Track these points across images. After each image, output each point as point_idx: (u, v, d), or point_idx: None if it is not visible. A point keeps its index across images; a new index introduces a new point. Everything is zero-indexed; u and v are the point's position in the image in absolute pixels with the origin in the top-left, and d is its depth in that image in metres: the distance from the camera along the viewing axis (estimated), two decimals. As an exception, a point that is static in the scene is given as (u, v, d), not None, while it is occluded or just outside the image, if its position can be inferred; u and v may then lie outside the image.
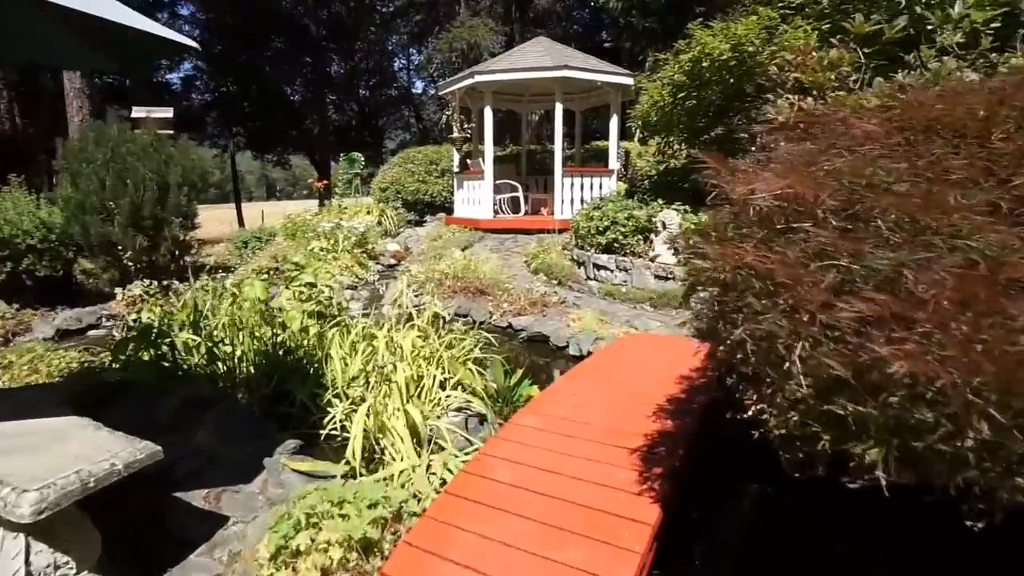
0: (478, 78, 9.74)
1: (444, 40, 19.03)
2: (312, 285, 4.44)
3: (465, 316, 6.36)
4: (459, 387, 3.70)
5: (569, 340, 5.13)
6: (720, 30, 5.57)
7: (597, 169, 10.47)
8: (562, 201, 9.90)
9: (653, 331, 5.06)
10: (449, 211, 12.06)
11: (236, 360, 4.21)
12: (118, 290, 6.50)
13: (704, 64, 5.50)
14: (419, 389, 3.66)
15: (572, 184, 9.95)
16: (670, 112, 6.76)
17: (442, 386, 3.60)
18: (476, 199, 10.52)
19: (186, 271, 7.26)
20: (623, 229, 6.22)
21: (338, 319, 4.68)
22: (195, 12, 24.21)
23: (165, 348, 4.13)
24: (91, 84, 21.57)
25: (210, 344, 4.30)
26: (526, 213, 11.14)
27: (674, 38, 13.60)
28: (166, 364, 4.18)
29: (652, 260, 5.88)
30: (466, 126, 10.60)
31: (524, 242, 9.39)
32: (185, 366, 4.30)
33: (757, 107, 6.16)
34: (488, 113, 10.03)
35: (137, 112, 8.30)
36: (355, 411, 3.42)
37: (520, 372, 3.88)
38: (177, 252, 6.99)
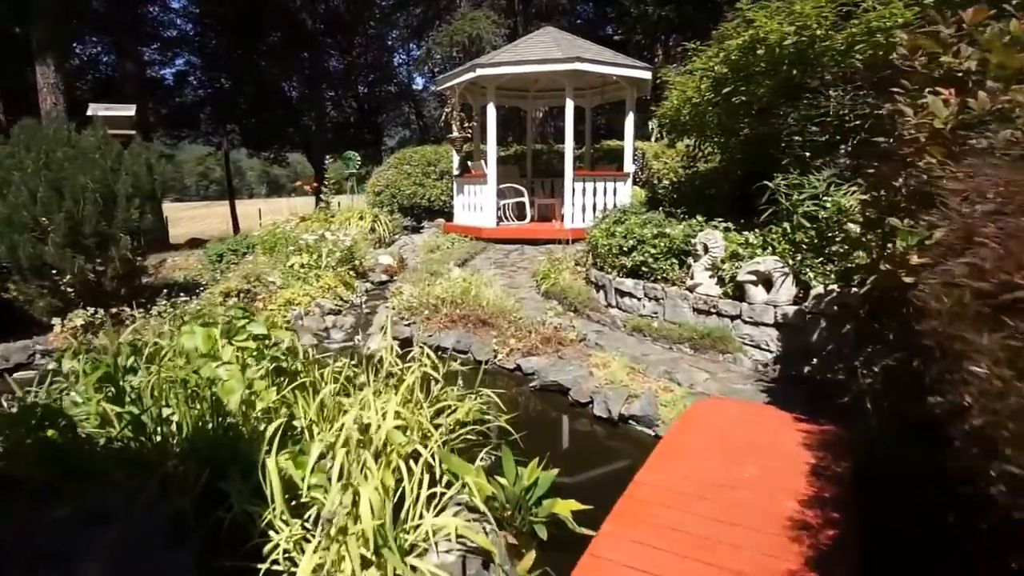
0: (480, 71, 8.61)
1: (444, 33, 17.84)
2: (264, 336, 3.37)
3: (465, 353, 5.28)
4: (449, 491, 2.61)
5: (593, 395, 4.05)
6: (778, 9, 4.45)
7: (611, 173, 9.35)
8: (573, 209, 8.79)
9: (700, 384, 3.97)
10: (448, 216, 10.97)
11: (167, 433, 3.17)
12: (56, 320, 5.42)
13: (758, 52, 4.39)
14: (397, 497, 2.59)
15: (584, 190, 8.83)
16: (704, 110, 5.65)
17: (429, 500, 2.51)
18: (477, 205, 9.42)
19: (143, 294, 6.19)
20: (653, 251, 5.12)
21: (302, 376, 3.59)
22: (187, 6, 22.97)
23: (65, 423, 3.05)
24: (70, 79, 20.49)
25: (133, 413, 3.23)
26: (532, 220, 10.04)
27: (693, 28, 12.42)
28: (70, 436, 3.11)
29: (690, 290, 4.79)
30: (467, 124, 9.48)
31: (531, 255, 8.29)
32: (101, 441, 3.24)
33: (816, 104, 5.05)
34: (491, 110, 8.90)
35: (94, 110, 7.18)
36: (308, 537, 2.38)
37: (538, 468, 2.79)
38: (131, 273, 5.89)
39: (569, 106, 8.69)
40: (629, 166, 9.36)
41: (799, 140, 5.18)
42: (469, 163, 9.96)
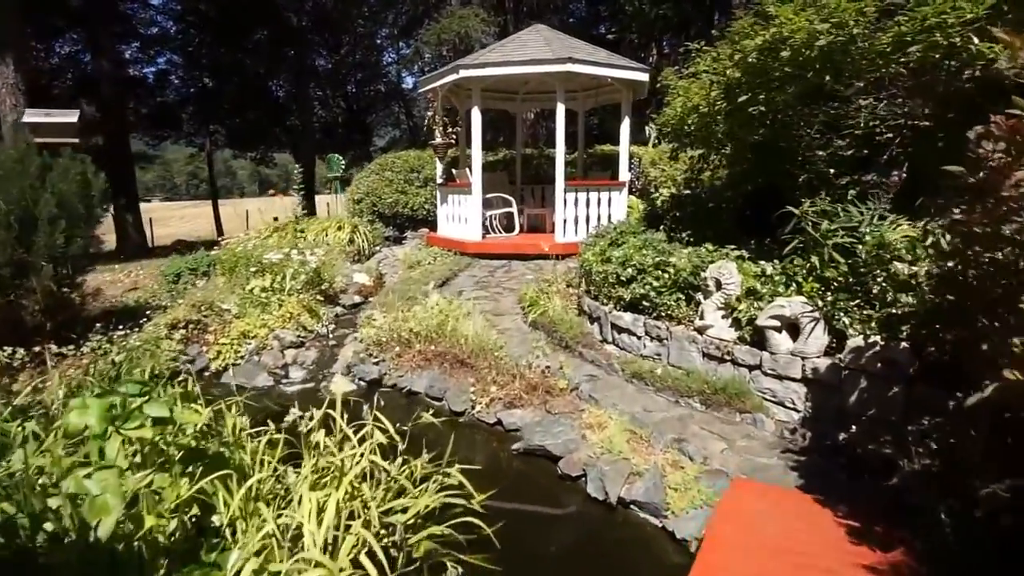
0: (464, 72, 7.84)
1: (431, 31, 17.01)
2: (168, 421, 2.61)
3: (439, 400, 4.55)
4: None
5: (587, 468, 3.32)
6: (805, 3, 3.72)
7: (605, 182, 8.61)
8: (564, 222, 8.05)
9: (717, 458, 3.25)
10: (433, 225, 10.19)
11: (55, 535, 2.45)
12: (-35, 363, 4.63)
13: (782, 54, 3.65)
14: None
15: (576, 200, 8.09)
16: (713, 119, 4.92)
17: None
18: (462, 216, 8.66)
19: (76, 327, 5.40)
20: (655, 283, 4.38)
21: (232, 464, 2.83)
22: (168, 2, 21.97)
23: None
24: (45, 77, 19.47)
25: (5, 513, 2.50)
26: (521, 231, 9.29)
27: (692, 27, 11.65)
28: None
29: (699, 331, 4.06)
30: (450, 130, 8.71)
31: (519, 272, 7.55)
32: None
33: (845, 113, 4.33)
34: (476, 114, 8.14)
35: (32, 116, 6.36)
36: None
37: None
38: (61, 304, 5.10)
39: (560, 110, 7.94)
40: (625, 174, 8.62)
41: (823, 155, 4.46)
42: (453, 171, 9.20)
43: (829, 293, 3.57)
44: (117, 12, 19.53)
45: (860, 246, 3.46)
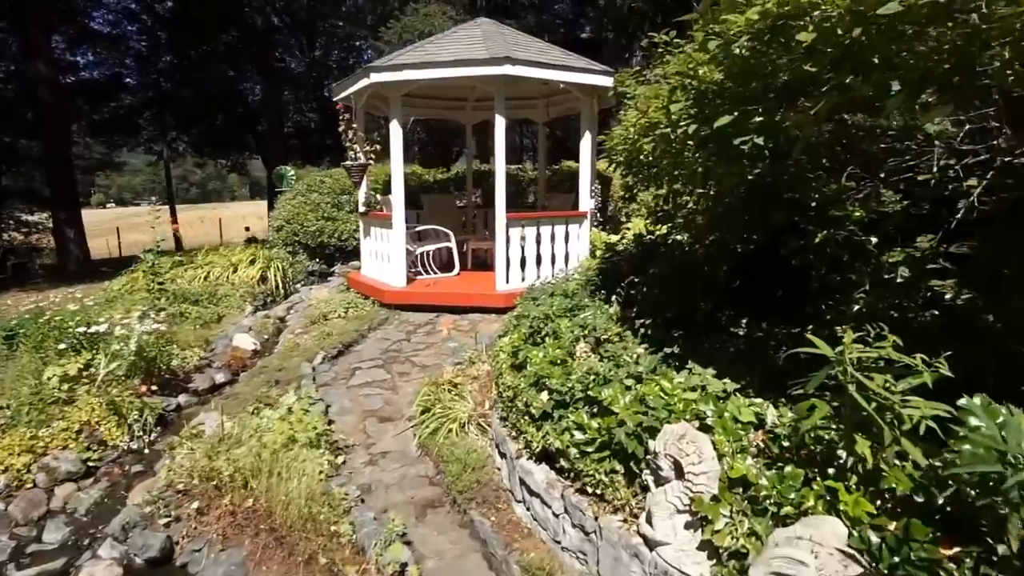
0: (376, 77, 5.98)
1: (393, 30, 15.13)
2: None
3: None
4: None
5: None
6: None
7: (561, 213, 6.73)
8: (508, 264, 6.18)
9: None
10: (367, 258, 8.34)
11: None
12: None
13: (800, 36, 1.78)
14: None
15: (523, 237, 6.23)
16: (683, 145, 3.05)
17: None
18: (384, 254, 6.79)
19: None
20: (579, 436, 2.52)
21: None
22: (120, 1, 19.98)
23: None
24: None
25: None
26: (464, 270, 7.42)
27: (672, 21, 9.60)
28: None
29: (647, 542, 2.22)
30: (368, 149, 6.84)
31: (442, 335, 5.68)
32: None
33: (904, 149, 2.43)
34: (396, 130, 6.26)
35: None
36: None
37: None
38: None
39: (500, 124, 6.05)
40: (586, 202, 6.75)
41: (857, 213, 2.61)
42: (378, 196, 7.33)
43: (893, 520, 1.71)
44: (61, 12, 17.67)
45: (959, 431, 1.60)
